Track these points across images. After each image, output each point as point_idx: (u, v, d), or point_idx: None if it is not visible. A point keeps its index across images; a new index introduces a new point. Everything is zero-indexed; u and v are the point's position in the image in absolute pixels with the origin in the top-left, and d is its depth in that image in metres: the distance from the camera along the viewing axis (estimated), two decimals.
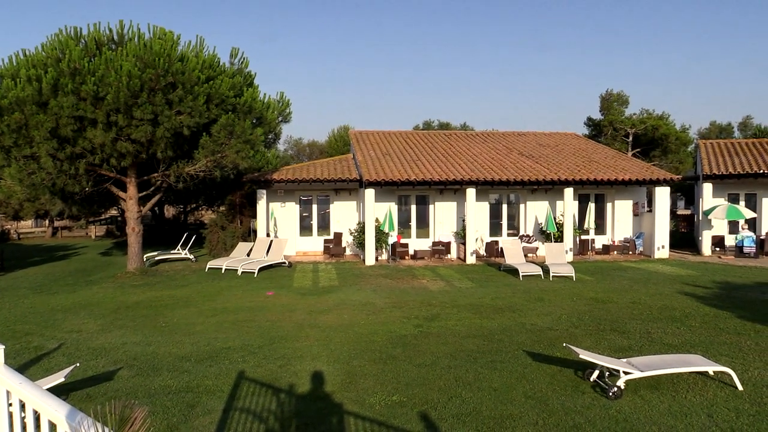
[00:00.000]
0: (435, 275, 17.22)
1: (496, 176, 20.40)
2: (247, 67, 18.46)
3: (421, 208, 22.47)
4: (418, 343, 9.32)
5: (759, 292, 14.10)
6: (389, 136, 26.42)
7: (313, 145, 61.25)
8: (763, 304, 12.55)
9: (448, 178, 20.01)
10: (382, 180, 19.55)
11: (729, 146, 25.05)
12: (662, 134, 40.60)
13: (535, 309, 12.13)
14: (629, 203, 23.13)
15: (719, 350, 8.86)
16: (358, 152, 22.99)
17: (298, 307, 12.51)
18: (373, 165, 21.17)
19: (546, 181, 20.58)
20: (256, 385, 7.31)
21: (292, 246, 22.36)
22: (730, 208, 20.64)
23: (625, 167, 22.40)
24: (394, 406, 6.53)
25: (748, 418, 6.21)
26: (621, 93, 44.66)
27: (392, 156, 22.69)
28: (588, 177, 20.82)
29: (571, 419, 6.18)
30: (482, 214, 22.15)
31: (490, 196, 22.52)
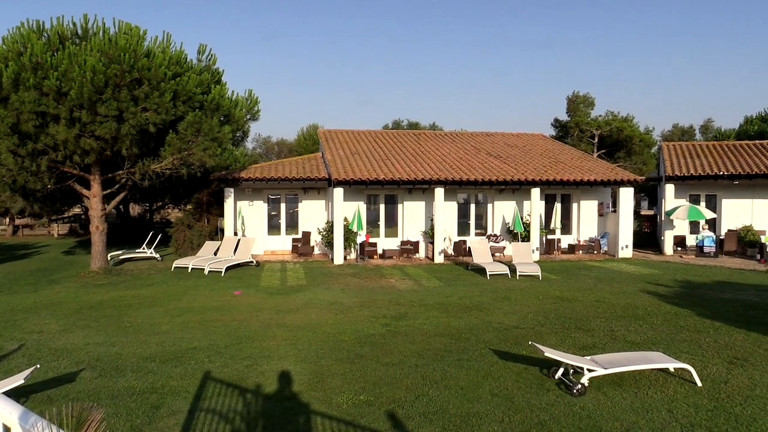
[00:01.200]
0: (403, 274, 17.28)
1: (464, 176, 20.55)
2: (215, 63, 18.26)
3: (389, 208, 22.51)
4: (386, 342, 9.35)
5: (718, 290, 14.47)
6: (358, 135, 26.41)
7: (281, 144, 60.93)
8: (722, 302, 12.89)
9: (417, 178, 20.09)
10: (350, 179, 19.54)
11: (690, 148, 25.63)
12: (627, 136, 41.34)
13: (501, 308, 12.26)
14: (594, 203, 23.51)
15: (680, 347, 9.07)
16: (327, 151, 22.94)
17: (266, 306, 12.44)
18: (342, 164, 21.14)
19: (513, 182, 20.80)
20: (222, 385, 7.25)
21: (260, 245, 22.21)
22: (691, 209, 21.14)
23: (590, 168, 22.76)
24: (362, 405, 6.55)
25: (706, 414, 6.37)
26: (587, 95, 45.35)
27: (361, 155, 22.69)
28: (554, 177, 21.11)
29: (536, 416, 6.27)
30: (450, 214, 22.29)
31: (459, 196, 22.67)
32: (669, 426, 6.04)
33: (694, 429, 5.96)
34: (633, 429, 5.95)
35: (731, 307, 12.28)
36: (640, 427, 5.99)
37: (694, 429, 5.96)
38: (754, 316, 11.43)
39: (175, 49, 16.74)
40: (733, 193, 23.33)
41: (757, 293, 14.08)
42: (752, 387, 7.22)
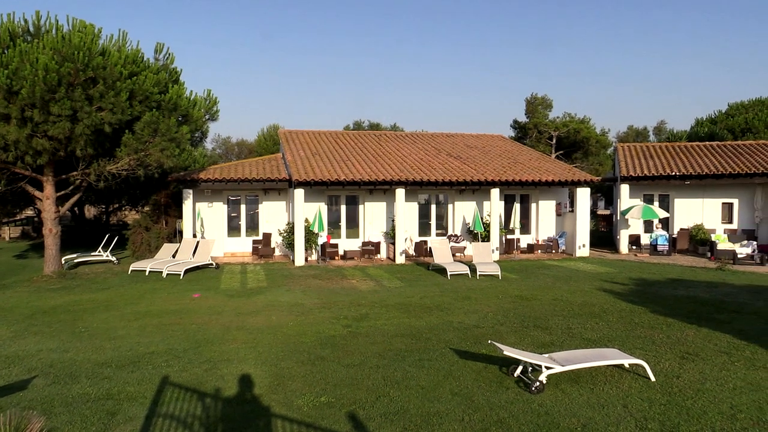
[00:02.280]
0: (364, 275, 17.29)
1: (425, 177, 20.67)
2: (172, 63, 18.01)
3: (351, 208, 22.50)
4: (347, 343, 9.35)
5: (671, 288, 14.87)
6: (319, 136, 26.33)
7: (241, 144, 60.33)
8: (675, 299, 13.26)
9: (378, 179, 20.12)
10: (311, 180, 19.46)
11: (644, 150, 26.28)
12: (583, 137, 42.18)
13: (462, 307, 12.37)
14: (552, 203, 23.91)
15: (634, 344, 9.30)
16: (288, 152, 22.81)
17: (226, 309, 12.30)
18: (303, 165, 21.05)
19: (473, 182, 21.00)
20: (180, 390, 7.14)
21: (220, 247, 21.95)
22: (645, 209, 21.68)
23: (548, 169, 23.13)
24: (322, 407, 6.53)
25: (659, 408, 6.55)
26: (545, 97, 46.10)
27: (322, 156, 22.62)
28: (514, 178, 21.39)
29: (496, 414, 6.35)
30: (411, 214, 22.39)
31: (420, 197, 22.79)
32: (624, 420, 6.19)
33: (648, 423, 6.12)
34: (589, 424, 6.08)
35: (683, 304, 12.64)
36: (596, 423, 6.12)
37: (647, 423, 6.12)
38: (704, 312, 11.79)
39: (132, 48, 16.45)
40: (684, 193, 24.00)
41: (707, 290, 14.52)
42: (703, 381, 7.45)
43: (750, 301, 12.94)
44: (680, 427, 6.01)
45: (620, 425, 6.06)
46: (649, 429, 5.97)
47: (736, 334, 9.88)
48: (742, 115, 36.12)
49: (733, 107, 38.24)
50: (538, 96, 46.13)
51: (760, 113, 35.18)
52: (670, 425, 6.07)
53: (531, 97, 46.29)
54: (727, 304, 12.59)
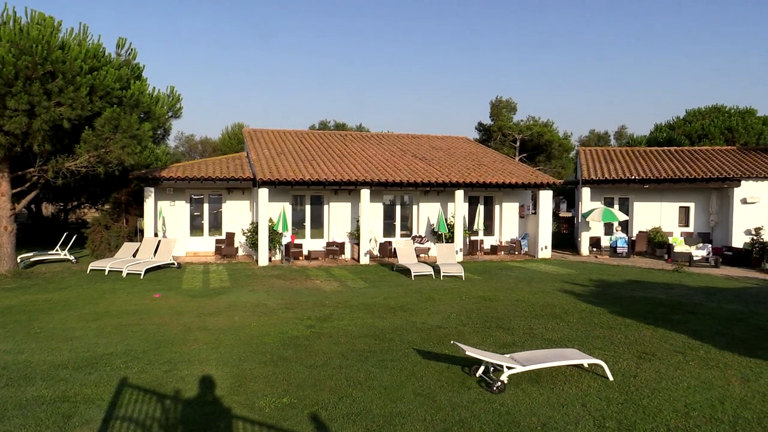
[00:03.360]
0: (329, 276, 17.24)
1: (390, 178, 20.71)
2: (135, 58, 17.69)
3: (315, 208, 22.42)
4: (310, 344, 9.31)
5: (629, 289, 15.20)
6: (284, 135, 26.17)
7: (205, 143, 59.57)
8: (633, 300, 13.56)
9: (343, 179, 20.09)
10: (276, 179, 19.33)
11: (606, 153, 26.80)
12: (547, 140, 42.83)
13: (425, 308, 12.43)
14: (516, 205, 24.20)
15: (593, 344, 9.48)
16: (252, 151, 22.62)
17: (187, 309, 12.13)
18: (267, 164, 20.90)
19: (438, 183, 21.13)
20: (139, 392, 7.02)
21: (182, 246, 21.65)
22: (605, 211, 22.12)
23: (512, 171, 23.40)
24: (284, 408, 6.49)
25: (617, 406, 6.68)
26: (510, 100, 46.69)
27: (287, 155, 22.49)
28: (478, 180, 21.59)
29: (458, 414, 6.39)
30: (376, 215, 22.42)
31: (385, 197, 22.83)
32: (583, 419, 6.30)
33: (606, 421, 6.24)
34: (549, 423, 6.17)
35: (641, 305, 12.93)
36: (555, 422, 6.22)
37: (605, 421, 6.24)
38: (661, 312, 12.08)
39: (93, 42, 16.10)
40: (643, 197, 24.56)
41: (664, 291, 14.89)
42: (659, 380, 7.62)
43: (704, 302, 13.31)
44: (637, 425, 6.14)
45: (579, 424, 6.17)
46: (606, 427, 6.09)
47: (691, 334, 10.15)
48: (699, 122, 37.16)
49: (691, 114, 39.29)
50: (502, 99, 46.68)
51: (716, 120, 36.23)
52: (627, 423, 6.20)
53: (496, 100, 46.81)
54: (683, 305, 12.92)
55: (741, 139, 34.34)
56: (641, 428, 6.08)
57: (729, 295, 14.36)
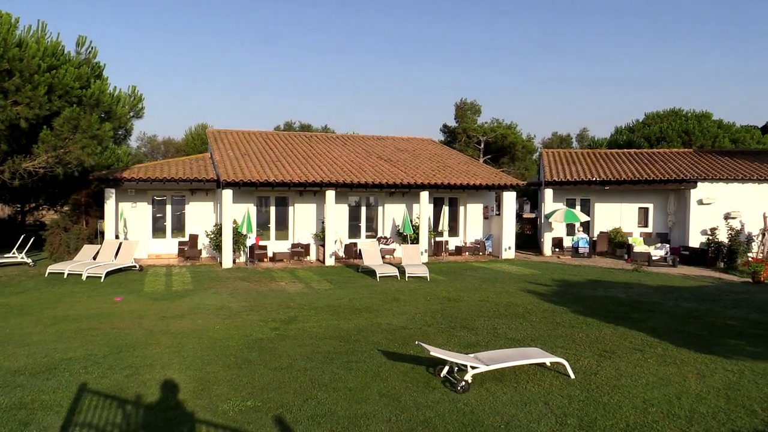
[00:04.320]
0: (293, 277, 17.17)
1: (355, 179, 20.71)
2: (95, 57, 17.37)
3: (280, 210, 22.28)
4: (275, 346, 9.26)
5: (590, 288, 15.49)
6: (249, 136, 25.95)
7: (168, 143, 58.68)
8: (594, 299, 13.82)
9: (308, 180, 20.03)
10: (240, 180, 19.17)
11: (568, 156, 27.25)
12: (510, 143, 43.37)
13: (391, 309, 12.47)
14: (480, 207, 24.43)
15: (556, 343, 9.64)
16: (216, 152, 22.38)
17: (149, 312, 11.95)
18: (232, 165, 20.70)
19: (403, 185, 21.21)
20: (99, 397, 6.89)
21: (144, 248, 21.29)
22: (567, 212, 22.49)
23: (476, 173, 23.62)
24: (249, 412, 6.45)
25: (578, 404, 6.81)
26: (474, 102, 47.12)
27: (251, 156, 22.31)
28: (443, 181, 21.74)
29: (422, 414, 6.43)
30: (341, 216, 22.38)
31: (350, 199, 22.82)
32: (545, 417, 6.40)
33: (567, 419, 6.35)
34: (512, 422, 6.25)
35: (602, 304, 13.19)
36: (518, 420, 6.31)
37: (567, 419, 6.35)
38: (621, 311, 12.34)
39: (51, 40, 15.75)
40: (604, 198, 25.03)
41: (624, 290, 15.21)
42: (618, 377, 7.79)
43: (662, 301, 13.65)
44: (597, 422, 6.27)
45: (541, 422, 6.27)
46: (568, 424, 6.20)
47: (649, 332, 10.39)
48: (658, 125, 38.07)
49: (650, 117, 40.22)
50: (467, 101, 47.11)
51: (674, 123, 37.17)
52: (587, 420, 6.32)
53: (460, 102, 47.22)
54: (642, 304, 13.23)
55: (697, 142, 35.27)
56: (601, 425, 6.20)
57: (686, 294, 14.75)
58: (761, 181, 22.94)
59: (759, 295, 14.71)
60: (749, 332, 10.60)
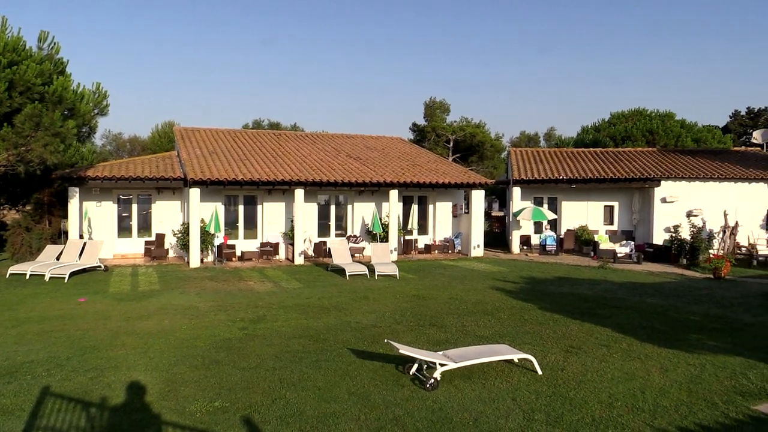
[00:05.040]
0: (262, 276, 17.05)
1: (324, 177, 20.65)
2: (58, 53, 16.96)
3: (249, 209, 22.10)
4: (243, 346, 9.19)
5: (558, 285, 15.70)
6: (217, 134, 25.68)
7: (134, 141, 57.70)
8: (561, 296, 14.01)
9: (277, 179, 19.90)
10: (207, 179, 18.96)
11: (535, 154, 27.56)
12: (479, 141, 43.67)
13: (360, 307, 12.48)
14: (449, 205, 24.56)
15: (523, 339, 9.75)
16: (183, 150, 22.10)
17: (114, 313, 11.75)
18: (199, 163, 20.47)
19: (373, 183, 21.22)
20: (63, 400, 6.75)
21: (109, 248, 20.91)
22: (535, 210, 22.75)
23: (445, 171, 23.74)
24: (216, 412, 6.39)
25: (546, 399, 6.91)
26: (443, 101, 47.29)
27: (219, 154, 22.09)
28: (412, 180, 21.80)
29: (391, 412, 6.45)
30: (311, 215, 22.29)
31: (319, 197, 22.74)
32: (513, 413, 6.47)
33: (535, 414, 6.44)
34: (481, 418, 6.31)
35: (568, 301, 13.39)
36: (487, 416, 6.37)
37: (534, 414, 6.43)
38: (587, 308, 12.54)
39: (12, 35, 15.36)
40: (571, 196, 25.37)
41: (590, 287, 15.45)
42: (584, 372, 7.92)
43: (627, 297, 13.90)
44: (564, 417, 6.36)
45: (509, 417, 6.33)
46: (535, 420, 6.28)
47: (614, 328, 10.58)
48: (623, 124, 38.71)
49: (615, 116, 40.87)
50: (436, 100, 47.25)
51: (638, 123, 37.84)
52: (554, 415, 6.41)
53: (430, 101, 47.34)
54: (608, 300, 13.46)
55: (661, 141, 35.96)
56: (568, 419, 6.30)
57: (650, 290, 15.05)
58: (722, 179, 23.52)
59: (719, 290, 15.08)
60: (710, 327, 10.87)
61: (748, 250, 21.87)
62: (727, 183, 23.59)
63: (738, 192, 23.51)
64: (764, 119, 51.87)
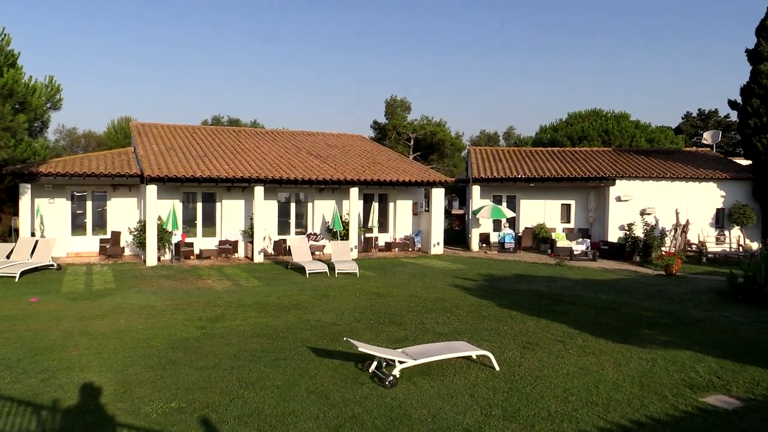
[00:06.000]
0: (221, 275, 16.86)
1: (284, 175, 20.52)
2: (9, 44, 16.46)
3: (207, 206, 21.81)
4: (201, 345, 9.08)
5: (515, 282, 15.94)
6: (175, 130, 25.24)
7: (89, 136, 56.28)
8: (518, 293, 14.22)
9: (236, 176, 19.69)
10: (165, 176, 18.64)
11: (495, 153, 27.87)
12: (439, 140, 43.95)
13: (320, 305, 12.45)
14: (409, 203, 24.68)
15: (481, 336, 9.87)
16: (140, 146, 21.67)
17: (68, 313, 11.46)
18: (156, 160, 20.11)
19: (333, 181, 21.17)
20: (12, 403, 6.56)
21: (63, 246, 20.39)
22: (494, 209, 23.04)
23: (406, 169, 23.84)
24: (173, 413, 6.30)
25: (503, 395, 7.01)
26: (404, 99, 47.43)
27: (177, 151, 21.74)
28: (372, 178, 21.83)
29: (350, 410, 6.47)
30: (271, 213, 22.12)
31: (279, 195, 22.58)
32: (470, 409, 6.55)
33: (492, 410, 6.53)
34: (439, 414, 6.37)
35: (526, 297, 13.60)
36: (445, 412, 6.43)
37: (491, 410, 6.53)
38: (544, 304, 12.76)
39: None
40: (529, 195, 25.75)
41: (547, 284, 15.73)
42: (541, 368, 8.07)
43: (583, 294, 14.20)
44: (520, 412, 6.47)
45: (467, 413, 6.41)
46: (492, 415, 6.37)
47: (570, 324, 10.80)
48: (580, 124, 39.46)
49: (572, 116, 41.63)
50: (397, 98, 47.36)
51: (595, 123, 38.62)
52: (511, 410, 6.51)
53: (390, 99, 47.42)
54: (564, 297, 13.73)
55: (616, 141, 36.77)
56: (524, 414, 6.41)
57: (605, 287, 15.39)
58: (674, 179, 24.19)
59: (671, 287, 15.52)
60: (662, 322, 11.19)
61: (698, 248, 22.54)
62: (678, 182, 24.28)
63: (689, 191, 24.22)
64: (714, 121, 53.54)
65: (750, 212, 23.54)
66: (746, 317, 11.65)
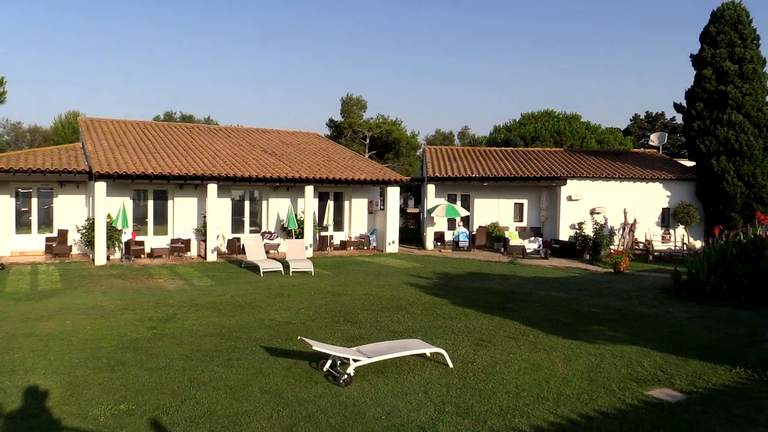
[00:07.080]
0: (173, 274, 16.56)
1: (238, 172, 20.28)
2: None
3: (159, 204, 21.37)
4: (152, 346, 8.90)
5: (469, 280, 16.12)
6: (125, 126, 24.66)
7: (35, 131, 54.52)
8: (472, 291, 14.39)
9: (189, 173, 19.36)
10: (114, 173, 18.20)
11: (449, 152, 28.12)
12: (395, 138, 44.11)
13: (274, 304, 12.35)
14: (365, 201, 24.69)
15: (436, 333, 9.95)
16: (89, 141, 21.09)
17: (11, 314, 11.08)
18: (105, 156, 19.60)
19: (288, 179, 21.02)
20: None
21: (6, 245, 19.70)
22: (448, 207, 23.25)
23: (361, 168, 23.84)
24: (122, 416, 6.16)
25: (456, 391, 7.09)
26: (360, 98, 47.44)
27: (127, 147, 21.24)
28: (327, 176, 21.77)
29: (304, 409, 6.44)
30: (224, 211, 21.84)
31: (233, 193, 22.31)
32: (424, 406, 6.60)
33: (446, 406, 6.59)
34: (393, 412, 6.40)
35: (479, 295, 13.78)
36: (399, 410, 6.46)
37: (445, 406, 6.59)
38: (497, 302, 12.95)
39: None
40: (483, 194, 26.08)
41: (500, 282, 15.96)
42: (493, 364, 8.18)
43: (535, 291, 14.46)
44: (473, 408, 6.55)
45: (421, 410, 6.46)
46: (446, 412, 6.43)
47: (522, 321, 10.98)
48: (533, 125, 40.17)
49: (525, 117, 42.34)
50: (353, 96, 47.34)
51: (547, 123, 39.39)
52: (464, 407, 6.59)
53: (346, 97, 47.39)
54: (516, 294, 13.95)
55: (567, 142, 37.57)
56: (477, 410, 6.49)
57: (556, 284, 15.71)
58: (623, 179, 24.85)
59: (619, 284, 15.94)
60: (610, 318, 11.49)
61: (645, 246, 23.20)
62: (627, 182, 24.95)
63: (637, 191, 24.93)
64: (661, 123, 55.22)
65: (694, 212, 24.36)
66: (689, 313, 12.05)
